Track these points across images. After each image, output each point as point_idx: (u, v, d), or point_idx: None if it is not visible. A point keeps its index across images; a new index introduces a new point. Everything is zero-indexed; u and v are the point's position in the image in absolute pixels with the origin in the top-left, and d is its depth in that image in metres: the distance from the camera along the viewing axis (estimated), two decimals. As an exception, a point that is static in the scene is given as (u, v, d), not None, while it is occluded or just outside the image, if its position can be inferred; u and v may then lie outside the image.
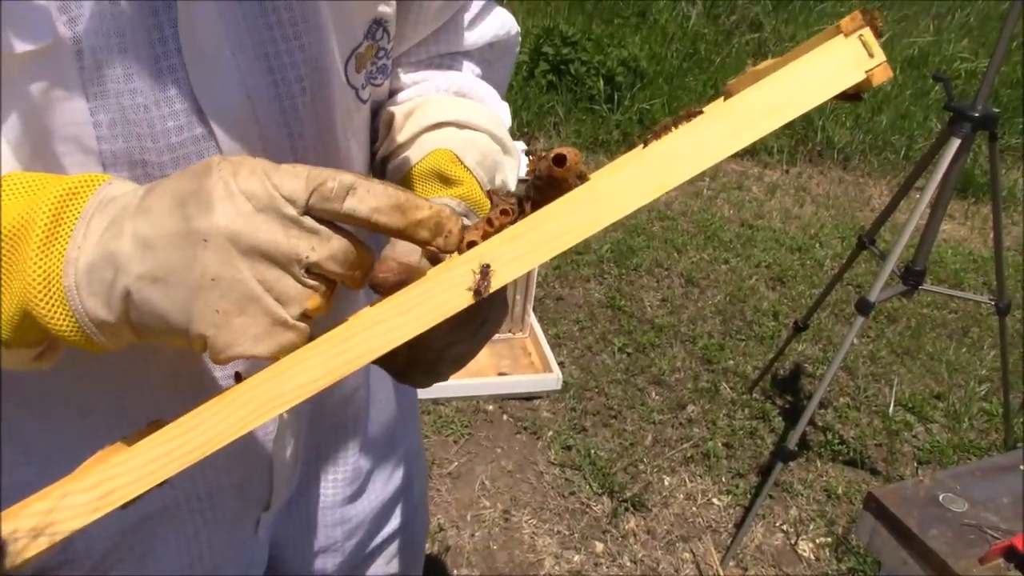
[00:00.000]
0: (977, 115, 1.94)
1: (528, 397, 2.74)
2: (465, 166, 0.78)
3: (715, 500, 2.45)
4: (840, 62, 0.44)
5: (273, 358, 0.51)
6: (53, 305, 0.51)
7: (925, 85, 5.07)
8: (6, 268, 0.52)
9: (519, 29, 0.93)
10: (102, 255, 0.51)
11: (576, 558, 2.23)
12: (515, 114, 4.38)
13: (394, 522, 1.08)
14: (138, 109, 0.60)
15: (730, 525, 2.37)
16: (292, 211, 0.50)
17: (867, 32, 0.44)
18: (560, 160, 0.47)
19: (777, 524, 2.38)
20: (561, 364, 2.86)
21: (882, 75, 0.45)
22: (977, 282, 3.66)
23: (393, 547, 1.10)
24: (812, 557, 2.29)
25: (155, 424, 0.64)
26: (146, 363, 0.71)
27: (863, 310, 2.02)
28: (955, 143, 1.95)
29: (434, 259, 0.65)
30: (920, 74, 5.21)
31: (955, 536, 1.02)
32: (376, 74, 0.78)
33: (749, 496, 2.44)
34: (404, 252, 0.60)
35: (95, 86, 0.58)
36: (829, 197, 4.35)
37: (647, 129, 4.49)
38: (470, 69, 0.90)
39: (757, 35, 5.47)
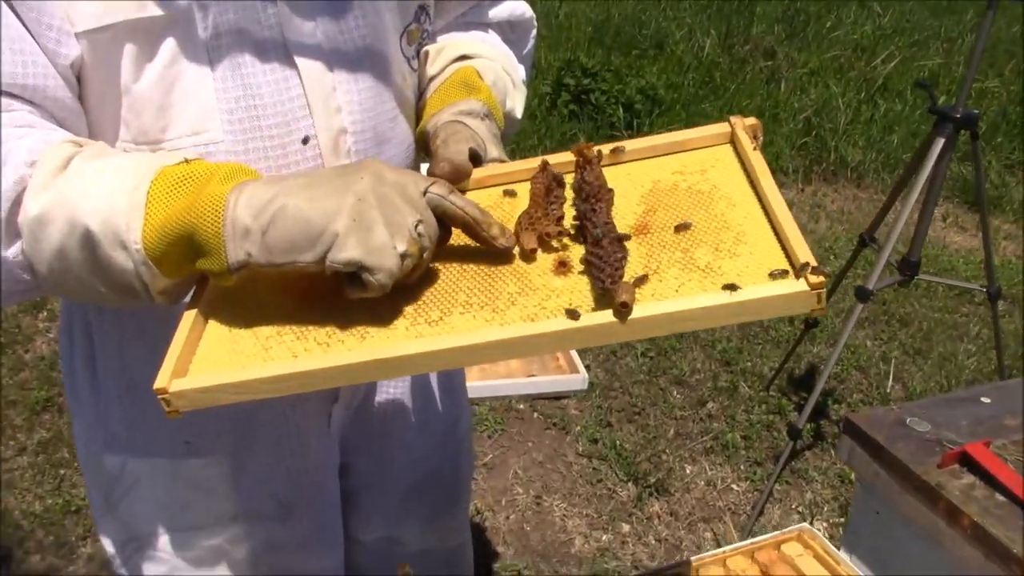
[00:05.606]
0: (959, 116, 2.12)
1: (556, 396, 2.92)
2: (484, 82, 0.99)
3: (734, 486, 2.61)
4: (800, 303, 0.69)
5: (369, 273, 0.69)
6: (207, 211, 0.69)
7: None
8: (185, 197, 0.70)
9: (533, 14, 1.15)
10: (267, 186, 0.70)
11: (604, 537, 2.39)
12: (539, 142, 4.61)
13: (441, 451, 1.27)
14: (247, 63, 0.83)
15: (748, 507, 2.52)
16: (417, 191, 0.73)
17: (823, 291, 0.68)
18: (625, 305, 0.67)
19: (793, 506, 2.54)
20: (587, 367, 3.04)
21: (819, 313, 0.70)
22: (987, 287, 3.81)
23: (441, 475, 1.28)
24: (826, 536, 2.43)
25: None
26: None
27: (862, 297, 2.20)
28: (940, 142, 2.14)
29: (474, 158, 0.87)
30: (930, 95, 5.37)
31: (917, 448, 1.18)
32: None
33: (767, 482, 2.60)
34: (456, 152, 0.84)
35: (215, 51, 0.81)
36: (843, 213, 4.51)
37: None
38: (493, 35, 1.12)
39: (771, 62, 5.68)
